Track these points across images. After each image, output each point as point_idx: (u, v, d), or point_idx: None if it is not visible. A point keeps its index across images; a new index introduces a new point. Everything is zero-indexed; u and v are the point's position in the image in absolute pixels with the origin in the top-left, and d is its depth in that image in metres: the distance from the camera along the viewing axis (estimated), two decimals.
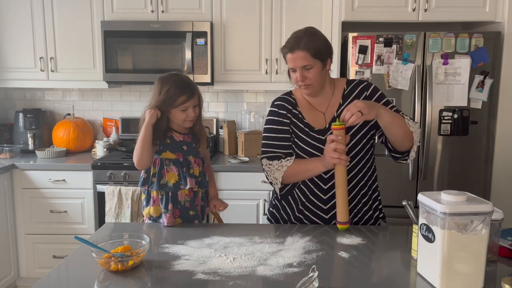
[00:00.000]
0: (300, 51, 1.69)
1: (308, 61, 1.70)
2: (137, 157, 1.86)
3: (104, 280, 1.34)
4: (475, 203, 1.23)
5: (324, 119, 1.83)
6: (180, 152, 1.90)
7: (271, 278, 1.33)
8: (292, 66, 1.73)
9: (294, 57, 1.71)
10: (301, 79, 1.73)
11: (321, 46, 1.71)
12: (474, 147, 2.90)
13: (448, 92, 2.85)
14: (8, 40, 3.36)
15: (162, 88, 1.83)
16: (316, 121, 1.83)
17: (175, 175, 1.88)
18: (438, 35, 2.81)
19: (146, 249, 1.44)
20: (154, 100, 1.85)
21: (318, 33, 1.74)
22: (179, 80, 1.86)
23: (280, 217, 1.93)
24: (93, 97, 3.75)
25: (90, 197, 3.14)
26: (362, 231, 1.74)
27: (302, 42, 1.69)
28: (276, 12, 3.23)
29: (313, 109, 1.85)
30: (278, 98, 1.90)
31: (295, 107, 1.85)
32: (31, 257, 3.23)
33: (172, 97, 1.82)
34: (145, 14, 3.26)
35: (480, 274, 1.24)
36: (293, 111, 1.85)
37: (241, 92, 3.68)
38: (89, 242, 1.43)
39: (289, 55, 1.72)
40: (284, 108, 1.85)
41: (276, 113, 1.86)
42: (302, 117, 1.84)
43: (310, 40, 1.70)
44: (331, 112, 1.83)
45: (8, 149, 3.35)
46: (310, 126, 1.82)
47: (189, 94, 1.83)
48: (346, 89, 1.84)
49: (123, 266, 1.38)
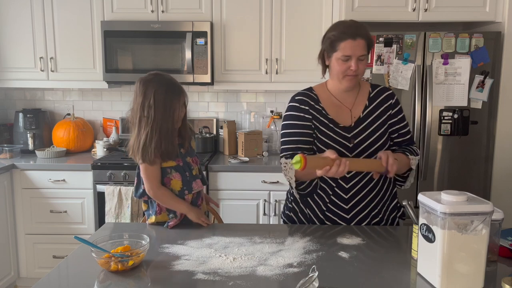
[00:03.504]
0: (361, 40, 1.69)
1: (365, 51, 1.71)
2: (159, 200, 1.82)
3: (104, 280, 1.34)
4: (475, 203, 1.23)
5: (351, 116, 1.83)
6: (179, 157, 1.84)
7: (271, 278, 1.33)
8: (350, 53, 1.70)
9: (355, 44, 1.68)
10: (356, 67, 1.71)
11: (371, 40, 1.74)
12: (474, 147, 2.90)
13: (448, 92, 2.85)
14: (8, 40, 3.36)
15: (146, 90, 1.73)
16: (340, 117, 1.82)
17: (179, 181, 1.83)
18: (438, 35, 2.81)
19: (146, 249, 1.44)
20: (137, 104, 1.74)
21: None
22: (163, 81, 1.77)
23: (298, 220, 1.88)
24: (93, 97, 3.75)
25: (90, 197, 3.14)
26: (362, 231, 1.74)
27: (363, 31, 1.69)
28: (276, 12, 3.23)
29: (338, 105, 1.84)
30: (299, 93, 1.86)
31: (317, 103, 1.83)
32: (31, 257, 3.23)
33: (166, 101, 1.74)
34: (145, 14, 3.26)
35: (480, 274, 1.24)
36: (315, 107, 1.82)
37: (241, 92, 3.68)
38: (89, 242, 1.44)
39: (350, 42, 1.68)
40: (306, 104, 1.82)
41: (297, 108, 1.82)
42: (326, 113, 1.82)
43: (367, 30, 1.71)
44: (357, 111, 1.83)
45: (8, 149, 3.35)
46: (335, 122, 1.81)
47: (178, 94, 1.77)
48: (371, 92, 1.86)
49: (123, 266, 1.38)
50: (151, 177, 1.78)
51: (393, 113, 1.86)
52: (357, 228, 1.78)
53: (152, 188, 1.79)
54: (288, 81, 3.26)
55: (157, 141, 1.73)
